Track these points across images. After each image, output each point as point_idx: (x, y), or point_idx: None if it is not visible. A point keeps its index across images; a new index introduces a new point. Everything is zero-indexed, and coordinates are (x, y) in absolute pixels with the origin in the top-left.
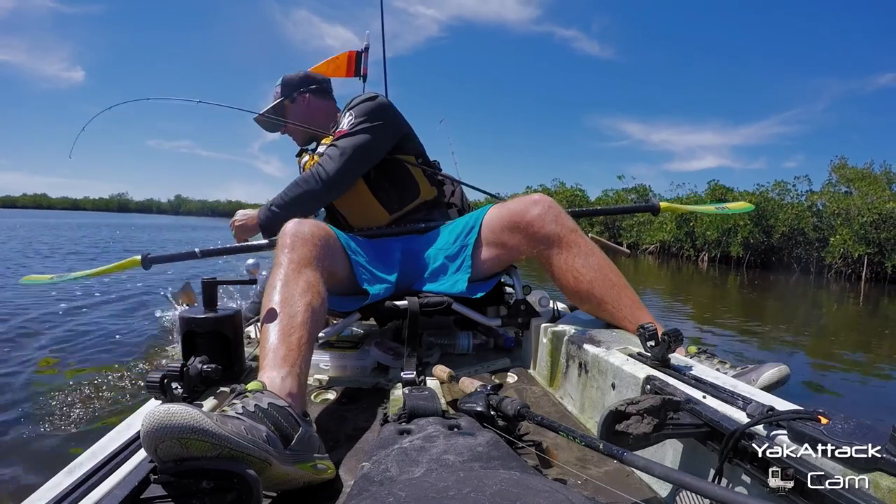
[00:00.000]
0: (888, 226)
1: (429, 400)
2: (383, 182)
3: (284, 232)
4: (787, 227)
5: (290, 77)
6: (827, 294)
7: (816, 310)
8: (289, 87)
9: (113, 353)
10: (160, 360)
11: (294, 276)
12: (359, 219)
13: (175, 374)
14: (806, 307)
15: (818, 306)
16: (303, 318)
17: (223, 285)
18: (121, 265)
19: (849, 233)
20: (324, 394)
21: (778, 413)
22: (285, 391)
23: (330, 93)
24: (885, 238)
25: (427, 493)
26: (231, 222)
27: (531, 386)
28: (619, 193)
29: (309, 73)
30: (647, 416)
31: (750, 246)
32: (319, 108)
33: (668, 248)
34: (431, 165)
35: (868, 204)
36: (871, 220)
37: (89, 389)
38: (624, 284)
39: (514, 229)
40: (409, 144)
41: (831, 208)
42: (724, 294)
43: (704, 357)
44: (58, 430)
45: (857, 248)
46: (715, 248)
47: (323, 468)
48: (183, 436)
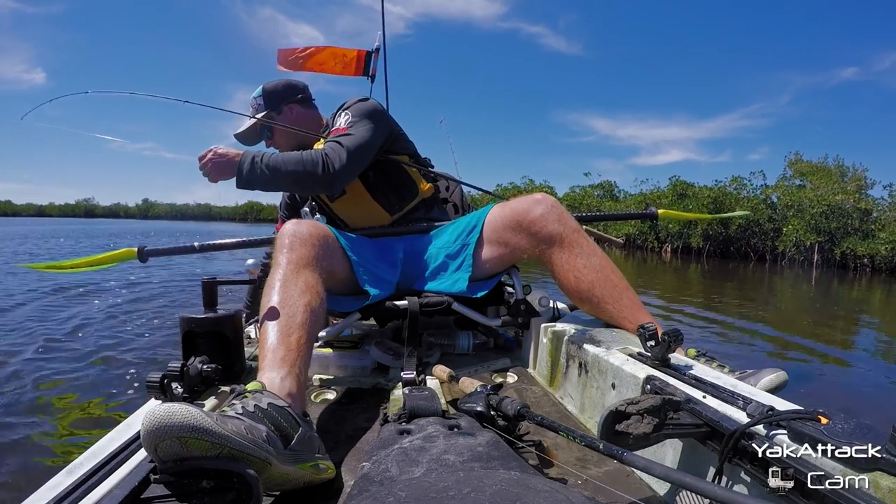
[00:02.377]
0: (837, 216)
1: (429, 400)
2: (382, 184)
3: (283, 232)
4: (743, 219)
5: (272, 87)
6: (781, 279)
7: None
8: (273, 98)
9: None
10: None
11: (293, 276)
12: (360, 222)
13: (175, 374)
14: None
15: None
16: (302, 319)
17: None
18: (116, 255)
19: (800, 223)
20: (324, 394)
21: (778, 413)
22: (284, 391)
23: (313, 100)
24: (835, 227)
25: (427, 493)
26: (204, 158)
27: (531, 386)
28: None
29: (290, 81)
30: (647, 416)
31: (709, 237)
32: (306, 118)
33: (633, 241)
34: (423, 163)
35: (819, 196)
36: (821, 211)
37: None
38: (625, 286)
39: (517, 228)
40: (401, 144)
41: (785, 200)
42: (687, 282)
43: (704, 360)
44: (58, 431)
45: (809, 236)
46: (677, 240)
47: (323, 468)
48: (183, 435)
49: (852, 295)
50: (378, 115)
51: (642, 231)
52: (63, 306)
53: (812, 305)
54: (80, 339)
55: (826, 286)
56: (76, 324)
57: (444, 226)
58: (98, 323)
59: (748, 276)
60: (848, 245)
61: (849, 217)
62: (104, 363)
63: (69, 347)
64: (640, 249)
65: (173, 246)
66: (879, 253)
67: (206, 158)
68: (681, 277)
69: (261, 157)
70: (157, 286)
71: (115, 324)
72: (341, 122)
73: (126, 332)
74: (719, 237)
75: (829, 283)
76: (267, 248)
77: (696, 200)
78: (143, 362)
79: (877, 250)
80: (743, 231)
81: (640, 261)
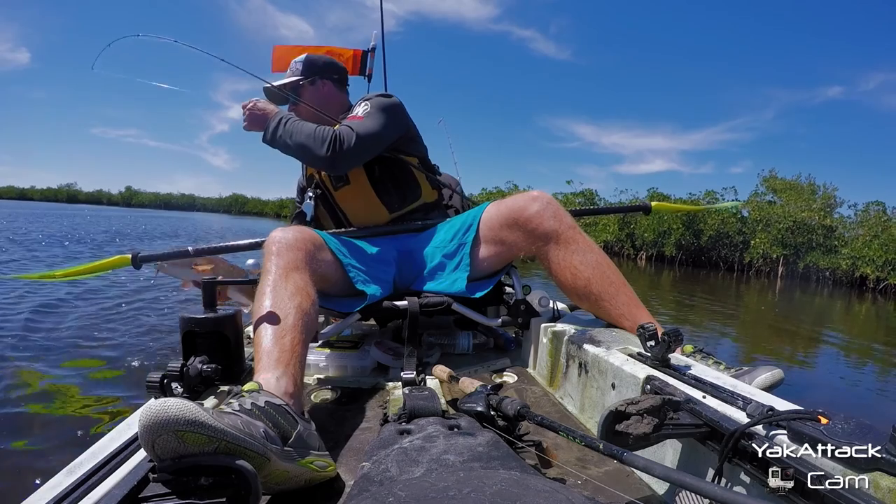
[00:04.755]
0: (802, 231)
1: (429, 400)
2: (387, 181)
3: (270, 240)
4: (714, 230)
5: (315, 58)
6: (746, 287)
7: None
8: (312, 68)
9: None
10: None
11: (282, 280)
12: (360, 215)
13: (175, 375)
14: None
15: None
16: (294, 321)
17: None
18: (109, 263)
19: (767, 237)
20: (324, 394)
21: (778, 413)
22: (281, 391)
23: (347, 86)
24: (801, 242)
25: (427, 493)
26: (247, 106)
27: (531, 386)
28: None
29: (335, 60)
30: (647, 416)
31: (682, 246)
32: (335, 98)
33: (610, 248)
34: (431, 169)
35: (787, 212)
36: (788, 227)
37: (89, 390)
38: (622, 282)
39: (513, 226)
40: (413, 147)
41: (755, 215)
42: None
43: (700, 357)
44: (57, 431)
45: (775, 249)
46: (652, 248)
47: (323, 465)
48: (179, 429)
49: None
50: (395, 111)
51: (619, 239)
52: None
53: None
54: (79, 339)
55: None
56: (76, 324)
57: (439, 225)
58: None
59: (717, 283)
60: (811, 259)
61: (813, 233)
62: (104, 363)
63: (69, 348)
64: (618, 256)
65: (167, 251)
66: (840, 267)
67: (248, 107)
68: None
69: (287, 120)
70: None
71: (115, 325)
72: (359, 111)
73: (126, 332)
74: (692, 247)
75: (793, 292)
76: None
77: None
78: (143, 362)
79: (838, 264)
80: (714, 242)
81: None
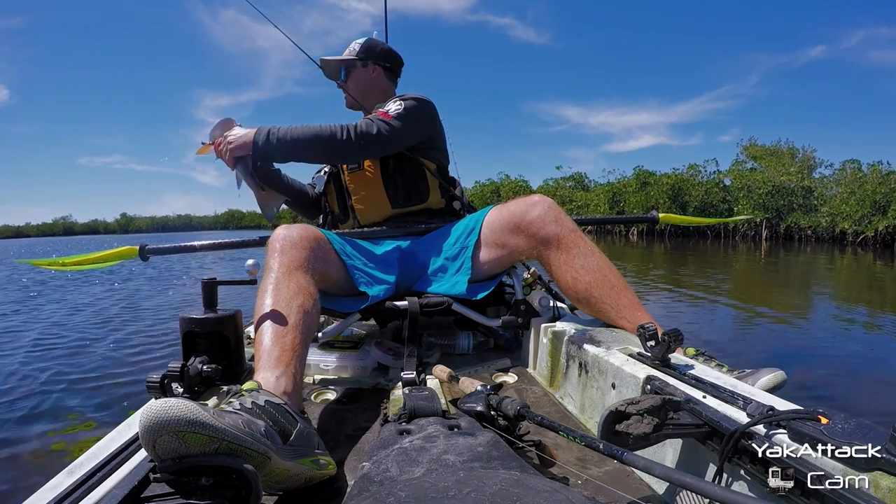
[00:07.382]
0: (782, 194)
1: (429, 400)
2: (397, 177)
3: (274, 237)
4: (698, 201)
5: (375, 43)
6: (734, 252)
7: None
8: (369, 52)
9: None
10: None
11: (284, 279)
12: (364, 202)
13: (175, 375)
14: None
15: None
16: (295, 320)
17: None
18: (117, 253)
19: (749, 202)
20: (324, 394)
21: (778, 413)
22: (280, 390)
23: (398, 77)
24: (781, 205)
25: (427, 493)
26: (218, 141)
27: (531, 386)
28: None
29: (392, 49)
30: (648, 416)
31: None
32: (381, 85)
33: (602, 226)
34: (447, 180)
35: (766, 178)
36: (768, 191)
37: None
38: (623, 286)
39: (515, 230)
40: (434, 154)
41: (736, 183)
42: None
43: (702, 359)
44: (58, 431)
45: (758, 213)
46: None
47: (324, 464)
48: (180, 429)
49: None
50: (424, 116)
51: None
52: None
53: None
54: (79, 339)
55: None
56: (76, 324)
57: (442, 228)
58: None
59: (707, 249)
60: (792, 219)
61: (793, 195)
62: (104, 363)
63: (69, 348)
64: (609, 234)
65: (174, 245)
66: (821, 225)
67: (220, 143)
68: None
69: (276, 127)
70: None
71: (115, 325)
72: (390, 107)
73: (126, 332)
74: None
75: (777, 252)
76: None
77: (658, 187)
78: (143, 363)
79: (818, 222)
80: (699, 212)
81: (610, 243)
